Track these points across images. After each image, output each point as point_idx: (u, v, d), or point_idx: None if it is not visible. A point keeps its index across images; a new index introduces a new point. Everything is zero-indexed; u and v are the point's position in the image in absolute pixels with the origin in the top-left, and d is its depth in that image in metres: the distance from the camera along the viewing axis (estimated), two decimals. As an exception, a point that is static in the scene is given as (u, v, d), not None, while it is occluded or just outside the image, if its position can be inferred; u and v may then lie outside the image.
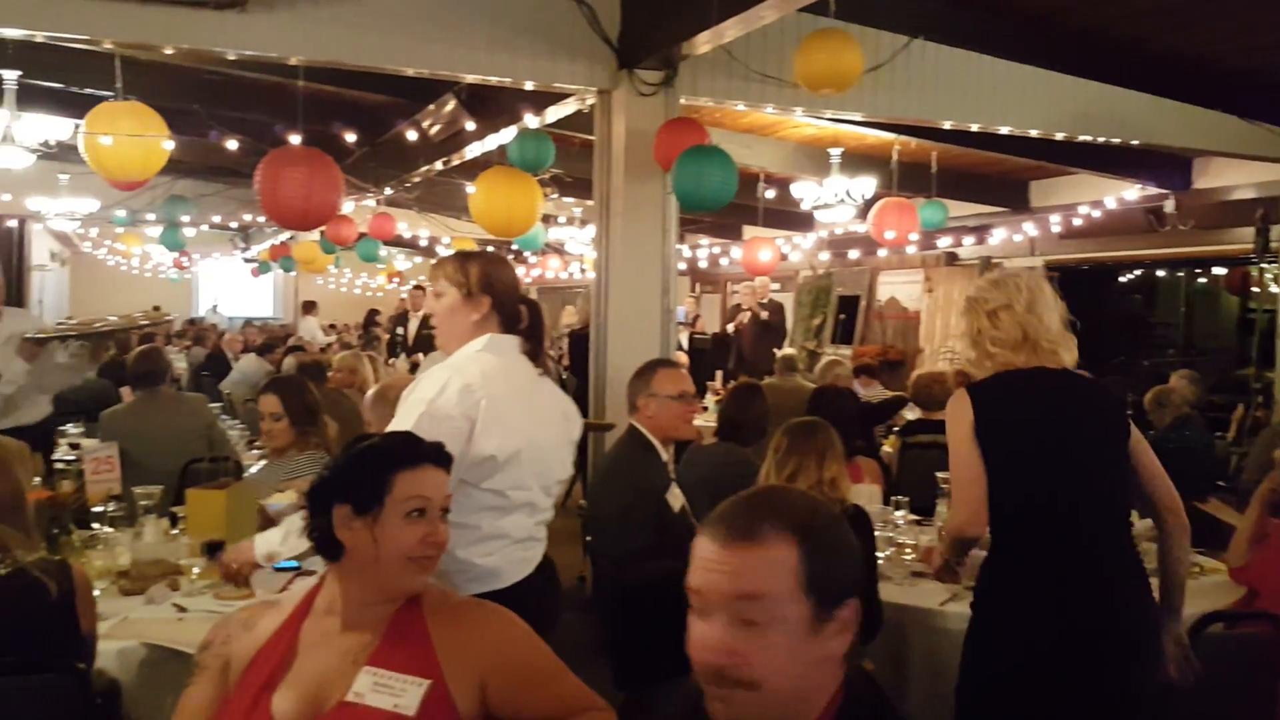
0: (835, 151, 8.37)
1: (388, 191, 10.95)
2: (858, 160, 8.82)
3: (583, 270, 15.05)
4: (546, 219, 11.12)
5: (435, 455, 1.99)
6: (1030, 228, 10.21)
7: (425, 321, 11.84)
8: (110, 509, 3.44)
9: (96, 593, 2.65)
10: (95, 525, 3.45)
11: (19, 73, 6.78)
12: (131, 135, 5.40)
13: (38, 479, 3.62)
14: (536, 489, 2.68)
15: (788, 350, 8.83)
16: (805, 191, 8.62)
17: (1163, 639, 2.79)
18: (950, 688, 2.76)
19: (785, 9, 4.71)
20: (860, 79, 4.88)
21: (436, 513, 1.93)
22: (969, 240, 11.07)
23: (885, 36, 5.91)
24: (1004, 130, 6.89)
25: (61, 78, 7.58)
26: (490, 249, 6.33)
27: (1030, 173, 10.17)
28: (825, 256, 12.68)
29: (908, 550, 3.86)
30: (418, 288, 13.03)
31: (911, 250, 11.20)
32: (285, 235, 14.73)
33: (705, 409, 7.84)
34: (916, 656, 3.36)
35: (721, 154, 5.23)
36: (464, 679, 1.85)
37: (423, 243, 14.86)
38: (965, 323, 2.86)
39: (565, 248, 14.02)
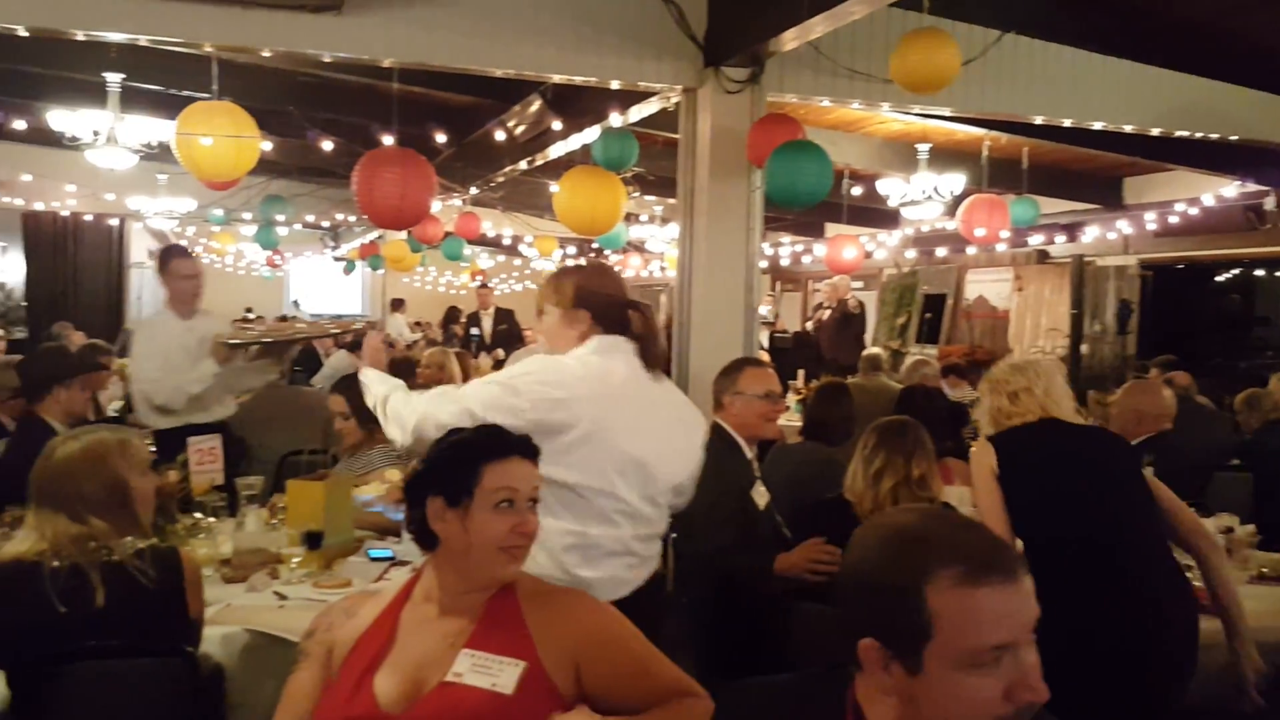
0: (923, 147, 8.26)
1: (473, 191, 11.10)
2: (946, 156, 8.69)
3: (662, 269, 15.08)
4: (628, 217, 11.17)
5: (522, 447, 2.04)
6: (1124, 225, 9.98)
7: (499, 318, 12.03)
8: (212, 499, 3.55)
9: (201, 580, 2.74)
10: (198, 514, 3.56)
11: (121, 75, 7.02)
12: (223, 135, 5.53)
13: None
14: (637, 499, 2.59)
15: (873, 349, 8.74)
16: (892, 188, 8.52)
17: (1239, 668, 2.78)
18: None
19: (875, 4, 4.66)
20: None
21: (525, 503, 1.98)
22: (1061, 238, 10.86)
23: (977, 30, 5.83)
24: (1097, 125, 6.73)
25: (161, 80, 7.81)
26: (591, 258, 6.38)
27: (1124, 169, 9.93)
28: (911, 254, 12.52)
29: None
30: (483, 287, 13.23)
31: (1001, 248, 11.01)
32: (374, 234, 15.03)
33: (788, 408, 7.80)
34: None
35: (817, 149, 5.18)
36: (559, 662, 1.89)
37: (506, 241, 15.04)
38: (986, 401, 3.19)
39: (646, 246, 14.06)
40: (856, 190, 9.41)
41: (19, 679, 2.39)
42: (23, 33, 4.96)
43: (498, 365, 9.12)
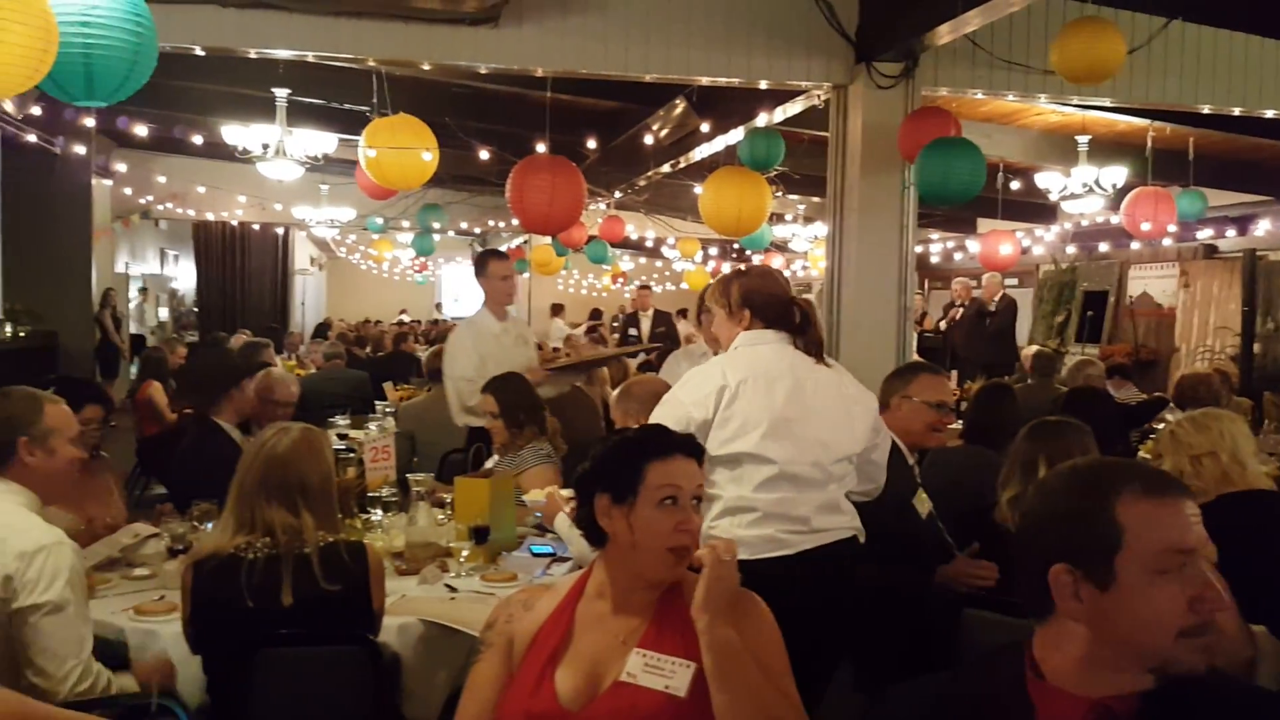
0: (1083, 139, 7.98)
1: (617, 195, 11.24)
2: (1107, 147, 8.37)
3: (805, 268, 14.96)
4: (772, 217, 11.11)
5: (686, 446, 2.07)
6: (1299, 217, 9.44)
7: (657, 320, 12.07)
8: (385, 494, 3.70)
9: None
10: (370, 509, 3.71)
11: (288, 90, 7.35)
12: (406, 148, 5.73)
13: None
14: (796, 464, 2.76)
15: (1034, 348, 8.45)
16: (1051, 181, 8.26)
17: None
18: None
19: (1034, -5, 4.56)
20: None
21: (688, 501, 2.00)
22: (1230, 232, 10.34)
23: (1140, 18, 5.62)
24: (1269, 114, 6.41)
25: (324, 94, 8.17)
26: (754, 263, 6.48)
27: (1299, 158, 9.39)
28: (1071, 250, 12.10)
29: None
30: (643, 288, 13.26)
31: (1166, 242, 10.55)
32: (520, 239, 15.36)
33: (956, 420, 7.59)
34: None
35: (969, 145, 5.08)
36: None
37: (649, 244, 15.16)
38: (1168, 461, 3.05)
39: (789, 245, 13.97)
40: (1014, 184, 9.16)
41: (216, 664, 2.54)
42: (199, 52, 5.25)
43: (645, 367, 9.17)
